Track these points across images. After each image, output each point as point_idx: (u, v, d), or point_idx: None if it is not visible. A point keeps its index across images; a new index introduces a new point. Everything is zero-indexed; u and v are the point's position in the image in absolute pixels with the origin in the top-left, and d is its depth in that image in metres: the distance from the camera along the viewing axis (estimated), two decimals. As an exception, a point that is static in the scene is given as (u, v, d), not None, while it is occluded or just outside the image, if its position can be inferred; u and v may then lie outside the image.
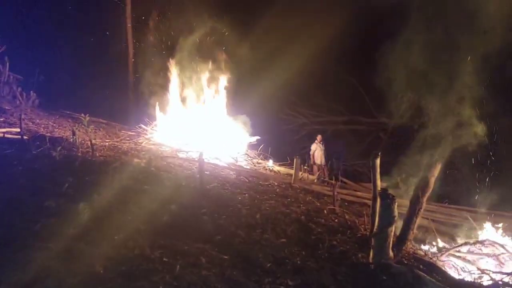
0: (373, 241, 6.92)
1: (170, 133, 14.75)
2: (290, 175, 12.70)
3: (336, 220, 9.06)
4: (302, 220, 8.39)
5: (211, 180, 10.24)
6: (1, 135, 10.48)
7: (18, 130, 10.76)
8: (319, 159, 14.91)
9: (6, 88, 15.42)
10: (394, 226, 6.97)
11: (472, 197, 12.08)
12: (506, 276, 7.50)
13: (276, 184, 11.63)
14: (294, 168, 12.39)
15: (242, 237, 7.00)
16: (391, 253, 7.00)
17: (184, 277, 5.26)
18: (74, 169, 8.63)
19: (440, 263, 8.29)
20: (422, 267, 7.26)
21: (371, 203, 7.64)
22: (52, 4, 18.48)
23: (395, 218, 6.86)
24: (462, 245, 9.18)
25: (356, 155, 18.65)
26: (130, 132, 14.77)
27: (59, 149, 9.38)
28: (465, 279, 7.47)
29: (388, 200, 6.78)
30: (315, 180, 14.34)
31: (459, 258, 8.69)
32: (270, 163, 14.81)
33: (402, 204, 9.02)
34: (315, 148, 15.05)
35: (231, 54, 15.76)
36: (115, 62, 18.87)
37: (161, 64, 15.75)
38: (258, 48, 16.43)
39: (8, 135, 10.60)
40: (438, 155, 8.31)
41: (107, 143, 12.26)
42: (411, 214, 8.06)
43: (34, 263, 4.99)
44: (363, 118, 20.89)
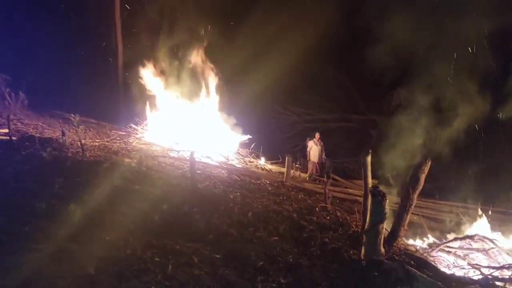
0: (364, 238, 6.95)
1: (161, 132, 14.69)
2: (282, 173, 12.73)
3: (328, 217, 9.09)
4: (294, 218, 8.41)
5: (203, 179, 10.23)
6: (-11, 136, 10.39)
7: (7, 131, 10.66)
8: (315, 157, 14.95)
9: (-6, 89, 15.28)
10: (385, 223, 7.01)
11: (461, 192, 12.20)
12: (495, 271, 7.58)
13: (268, 182, 11.65)
14: (286, 166, 12.42)
15: (234, 235, 7.00)
16: (383, 249, 7.04)
17: (176, 276, 5.25)
18: (64, 169, 8.57)
19: (431, 259, 8.36)
20: (413, 263, 7.29)
21: (363, 200, 7.69)
22: (40, 3, 18.30)
23: (386, 215, 6.90)
24: (452, 240, 9.26)
25: (347, 152, 18.75)
26: (121, 132, 14.70)
27: (49, 149, 9.33)
28: (455, 274, 7.54)
29: (379, 197, 6.82)
30: (307, 178, 14.40)
31: (449, 253, 8.77)
32: (262, 162, 14.82)
33: (393, 200, 9.10)
34: (311, 146, 15.09)
35: (221, 53, 15.74)
36: (105, 62, 18.76)
37: (150, 63, 15.67)
38: (247, 46, 16.42)
39: (-4, 136, 10.51)
40: (427, 151, 8.37)
41: (97, 143, 12.19)
42: (402, 211, 8.10)
43: (25, 265, 4.94)
44: (353, 115, 20.97)
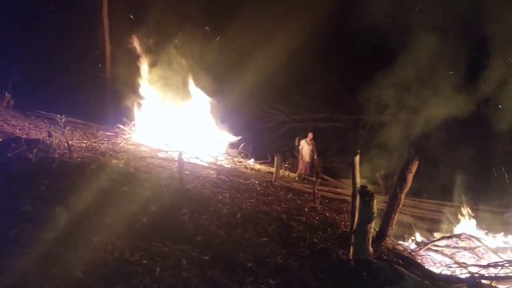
0: (353, 237, 6.99)
1: (149, 133, 14.60)
2: (271, 173, 12.72)
3: (317, 217, 9.10)
4: (283, 219, 8.41)
5: (191, 180, 10.18)
6: (-26, 138, 10.24)
7: (-8, 132, 10.53)
8: (306, 156, 14.98)
9: (-22, 90, 15.05)
10: (373, 223, 7.06)
11: (449, 191, 12.32)
12: (482, 269, 7.67)
13: (257, 182, 11.63)
14: (275, 166, 12.42)
15: (223, 237, 6.98)
16: (371, 249, 7.09)
17: (165, 279, 5.23)
18: (51, 171, 8.48)
19: (418, 258, 8.43)
20: (401, 262, 7.36)
21: (351, 200, 7.72)
22: (26, 3, 18.06)
23: (374, 215, 6.94)
24: (439, 239, 9.34)
25: (336, 151, 18.84)
26: (108, 133, 14.55)
27: (35, 151, 9.20)
28: (443, 273, 7.61)
29: (367, 197, 6.86)
30: (296, 178, 14.43)
31: (437, 252, 8.83)
32: (251, 162, 14.80)
33: (381, 200, 9.15)
34: (303, 145, 15.12)
35: (209, 52, 15.69)
36: (92, 61, 18.58)
37: (138, 63, 15.55)
38: (235, 45, 16.39)
39: (-19, 138, 10.36)
40: (414, 151, 8.43)
41: (84, 144, 12.07)
42: (390, 210, 8.16)
43: (12, 269, 4.88)
44: (342, 115, 21.05)
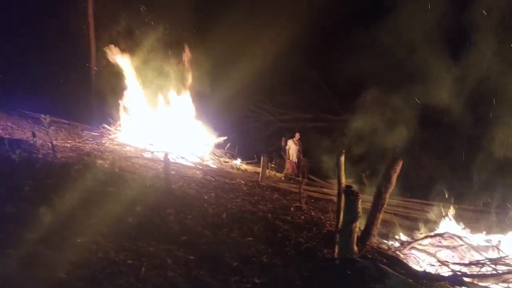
0: (338, 237, 7.03)
1: (134, 133, 14.52)
2: (257, 173, 12.76)
3: (302, 217, 9.16)
4: (269, 218, 8.44)
5: (177, 180, 10.16)
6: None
7: (-27, 132, 10.37)
8: (293, 156, 15.04)
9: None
10: (358, 222, 7.12)
11: (432, 191, 12.49)
12: (464, 267, 7.80)
13: (243, 182, 11.66)
14: (261, 166, 12.46)
15: (208, 236, 6.98)
16: (356, 248, 7.14)
17: (150, 279, 5.20)
18: (34, 172, 8.38)
19: (402, 256, 8.52)
20: (386, 261, 7.43)
21: (336, 199, 7.77)
22: (8, 1, 17.81)
23: (359, 214, 7.00)
24: (423, 238, 9.46)
25: (322, 151, 18.92)
26: (93, 133, 14.45)
27: (18, 151, 9.09)
28: (426, 271, 7.71)
29: (352, 197, 6.91)
30: (282, 178, 14.49)
31: (420, 251, 8.95)
32: (237, 162, 14.81)
33: (366, 199, 9.23)
34: (290, 145, 15.18)
35: (195, 52, 15.66)
36: (77, 61, 18.39)
37: (123, 62, 15.44)
38: (222, 46, 16.39)
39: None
40: (399, 151, 8.53)
41: (69, 144, 11.97)
42: (375, 210, 8.22)
43: (-7, 271, 4.82)
44: (328, 115, 21.19)
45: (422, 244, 9.18)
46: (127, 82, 15.22)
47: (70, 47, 18.28)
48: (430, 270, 7.98)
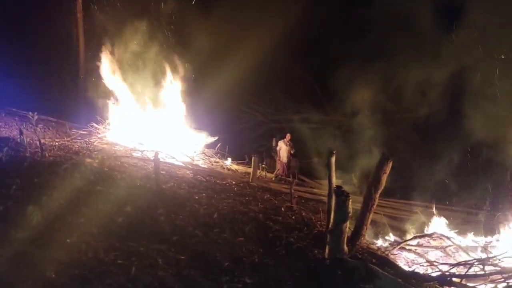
0: (328, 237, 7.06)
1: (123, 132, 14.40)
2: (248, 174, 12.74)
3: (293, 217, 9.16)
4: (260, 219, 8.43)
5: (167, 179, 10.10)
6: None
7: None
8: (284, 157, 15.03)
9: None
10: (348, 222, 7.15)
11: (422, 192, 12.60)
12: (452, 267, 7.87)
13: (234, 183, 11.62)
14: (252, 167, 12.43)
15: (199, 237, 6.95)
16: (346, 248, 7.18)
17: (140, 278, 5.17)
18: (22, 170, 8.28)
19: (392, 257, 8.58)
20: (375, 261, 7.48)
21: (327, 200, 7.80)
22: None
23: (350, 215, 7.04)
24: (412, 238, 9.55)
25: (313, 152, 18.96)
26: (82, 131, 14.29)
27: (5, 149, 8.99)
28: (415, 271, 7.76)
29: (342, 197, 6.95)
30: (273, 178, 14.49)
31: (409, 251, 9.03)
32: (228, 162, 14.77)
33: (357, 200, 9.28)
34: (281, 146, 15.17)
35: (185, 52, 15.60)
36: (65, 58, 18.19)
37: (112, 61, 15.31)
38: (212, 45, 16.34)
39: None
40: (388, 152, 8.58)
41: (57, 143, 11.84)
42: (365, 210, 8.28)
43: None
44: (319, 115, 21.22)
45: (411, 245, 9.26)
46: (115, 80, 15.09)
47: (59, 47, 18.09)
48: (419, 270, 8.04)
